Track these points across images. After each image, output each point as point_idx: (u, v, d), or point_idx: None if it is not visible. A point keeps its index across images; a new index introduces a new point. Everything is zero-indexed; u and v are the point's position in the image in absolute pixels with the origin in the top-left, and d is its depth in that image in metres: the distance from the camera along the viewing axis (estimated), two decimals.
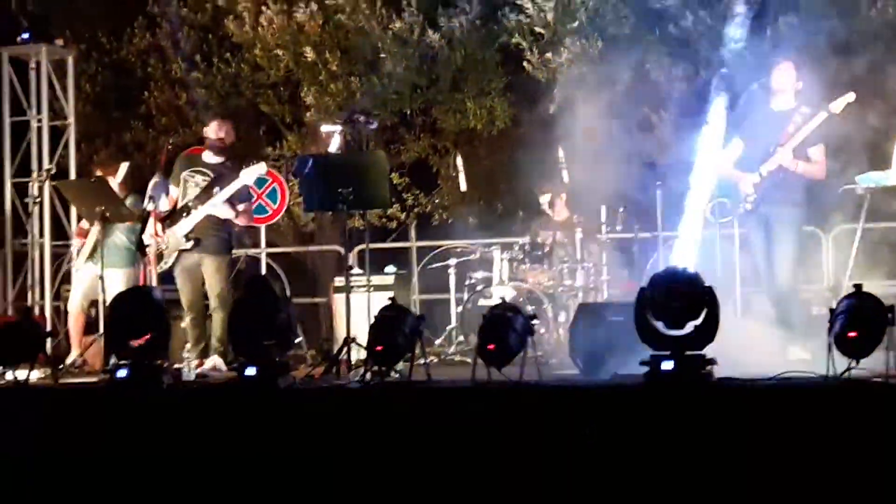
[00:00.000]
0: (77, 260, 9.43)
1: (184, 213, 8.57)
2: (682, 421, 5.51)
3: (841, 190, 9.24)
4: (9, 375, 7.12)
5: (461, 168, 10.49)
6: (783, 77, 8.03)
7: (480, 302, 9.56)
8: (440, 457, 5.77)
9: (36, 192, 10.54)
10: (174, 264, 8.58)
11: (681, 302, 5.81)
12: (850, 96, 7.74)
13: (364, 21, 12.51)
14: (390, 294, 7.65)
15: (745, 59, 10.39)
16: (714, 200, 7.97)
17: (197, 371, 7.84)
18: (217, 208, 8.49)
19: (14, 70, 11.03)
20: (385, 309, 6.69)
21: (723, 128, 8.79)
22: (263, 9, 12.90)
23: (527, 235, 10.22)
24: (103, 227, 8.70)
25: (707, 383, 5.73)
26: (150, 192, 8.41)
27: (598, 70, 12.05)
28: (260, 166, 8.65)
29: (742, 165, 8.12)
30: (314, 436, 6.04)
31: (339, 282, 9.62)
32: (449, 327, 10.14)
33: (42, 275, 10.80)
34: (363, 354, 7.06)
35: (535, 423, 5.71)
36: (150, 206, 8.37)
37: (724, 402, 5.57)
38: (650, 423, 5.55)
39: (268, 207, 11.87)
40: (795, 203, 7.89)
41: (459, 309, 9.90)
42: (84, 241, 9.21)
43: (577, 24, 11.69)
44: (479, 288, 9.86)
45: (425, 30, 12.39)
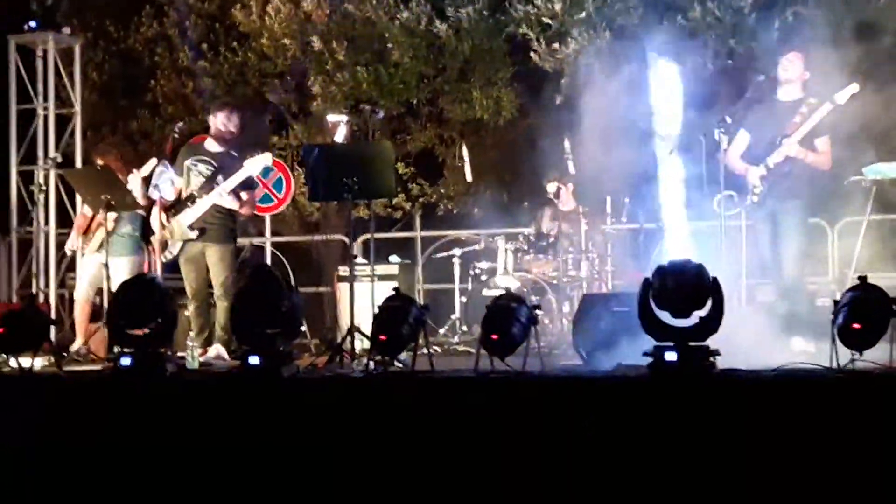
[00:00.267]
0: (79, 251, 9.41)
1: (188, 203, 8.56)
2: (685, 412, 5.50)
3: (847, 181, 9.21)
4: (13, 363, 7.12)
5: (467, 158, 10.48)
6: (790, 67, 8.00)
7: (485, 292, 9.55)
8: (443, 447, 5.77)
9: (42, 179, 10.57)
10: (179, 253, 8.58)
11: (686, 292, 5.79)
12: (854, 87, 7.71)
13: (371, 11, 12.51)
14: (394, 284, 7.66)
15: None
16: (721, 193, 7.94)
17: (200, 360, 7.84)
18: (222, 198, 8.48)
19: (21, 58, 11.04)
20: (389, 299, 6.68)
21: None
22: None
23: (532, 226, 10.22)
24: (105, 216, 8.66)
25: (710, 374, 5.71)
26: (154, 181, 8.40)
27: (606, 61, 12.05)
28: (265, 156, 8.62)
29: (748, 157, 8.10)
30: (317, 425, 6.03)
31: (344, 271, 9.63)
32: (453, 317, 10.14)
33: (47, 263, 10.82)
34: (367, 344, 7.06)
35: (537, 414, 5.70)
36: (154, 195, 8.36)
37: (728, 394, 5.55)
38: (653, 413, 5.55)
39: (273, 197, 11.87)
40: (802, 195, 7.87)
41: (463, 299, 9.90)
42: (83, 236, 9.21)
43: (584, 14, 11.67)
44: (483, 278, 9.86)
45: (433, 20, 12.38)
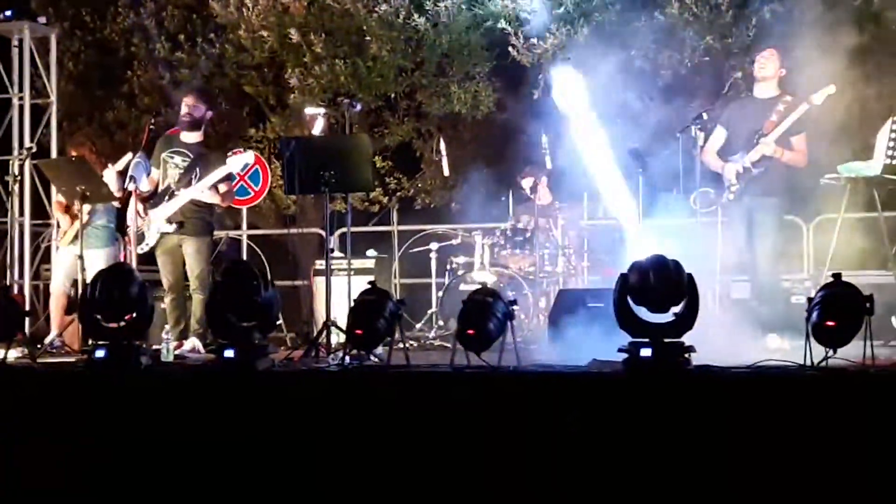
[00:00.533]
0: (58, 239, 9.37)
1: (166, 196, 8.54)
2: (660, 408, 5.52)
3: (823, 179, 9.25)
4: None
5: (444, 152, 10.47)
6: (767, 65, 8.04)
7: (461, 287, 9.56)
8: (419, 441, 5.77)
9: (16, 170, 10.49)
10: (155, 245, 8.56)
11: (664, 288, 5.80)
12: (831, 88, 7.77)
13: (349, 3, 12.46)
14: (371, 278, 7.64)
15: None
16: (697, 189, 7.97)
17: (175, 353, 7.82)
18: (202, 193, 8.46)
19: None
20: (365, 292, 6.67)
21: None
22: None
23: (508, 220, 10.23)
24: (80, 208, 8.60)
25: (685, 371, 5.73)
26: (131, 172, 8.36)
27: (583, 56, 12.06)
28: (248, 154, 8.65)
29: (725, 153, 8.14)
30: (292, 419, 6.03)
31: (320, 265, 9.61)
32: (429, 312, 10.14)
33: (21, 254, 10.74)
34: (343, 338, 7.05)
35: (513, 409, 5.71)
36: (130, 186, 8.33)
37: (703, 390, 5.58)
38: (629, 409, 5.56)
39: (250, 189, 11.85)
40: (778, 192, 7.92)
41: (440, 293, 9.90)
42: (65, 217, 9.17)
43: (562, 9, 11.67)
44: (460, 272, 9.86)
45: (411, 13, 12.34)
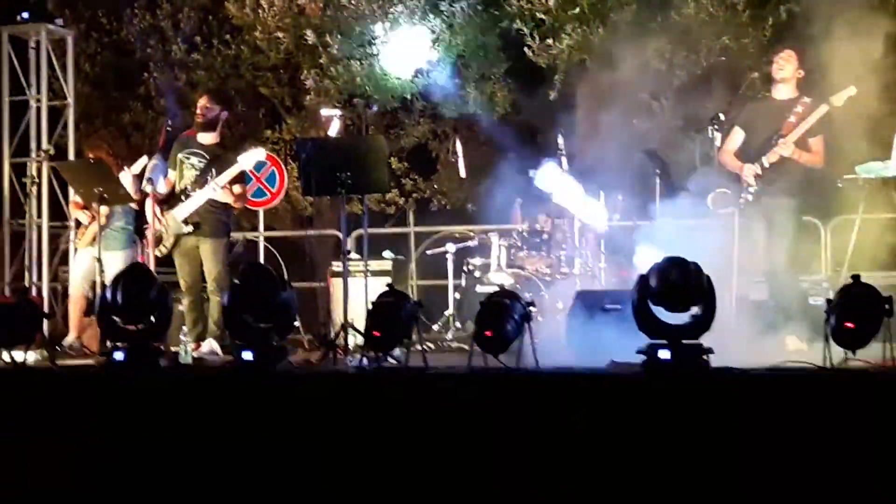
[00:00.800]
0: (77, 240, 9.39)
1: (182, 197, 8.56)
2: (679, 410, 5.51)
3: (841, 180, 9.22)
4: (5, 356, 7.11)
5: (461, 153, 10.46)
6: (786, 66, 8.01)
7: (478, 288, 9.54)
8: (436, 443, 5.77)
9: (34, 172, 10.52)
10: (173, 247, 8.57)
11: (682, 289, 5.79)
12: (852, 90, 7.73)
13: (365, 4, 12.47)
14: (388, 279, 7.64)
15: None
16: (715, 190, 7.95)
17: (194, 354, 7.83)
18: (216, 192, 8.47)
19: (13, 49, 10.98)
20: (383, 294, 6.68)
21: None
22: None
23: (525, 222, 10.20)
24: (98, 209, 8.62)
25: (703, 373, 5.72)
26: (148, 174, 8.39)
27: (599, 57, 12.05)
28: (258, 151, 8.62)
29: (742, 154, 8.11)
30: (310, 421, 6.03)
31: (337, 266, 9.61)
32: (446, 313, 10.13)
33: (39, 256, 10.78)
34: (360, 340, 7.05)
35: (531, 411, 5.70)
36: (147, 188, 8.35)
37: (721, 392, 5.56)
38: (648, 411, 5.55)
39: (266, 191, 11.86)
40: (796, 194, 7.89)
41: (457, 295, 9.89)
42: (84, 213, 9.20)
43: (578, 10, 11.66)
44: (476, 274, 9.84)
45: (427, 14, 12.35)
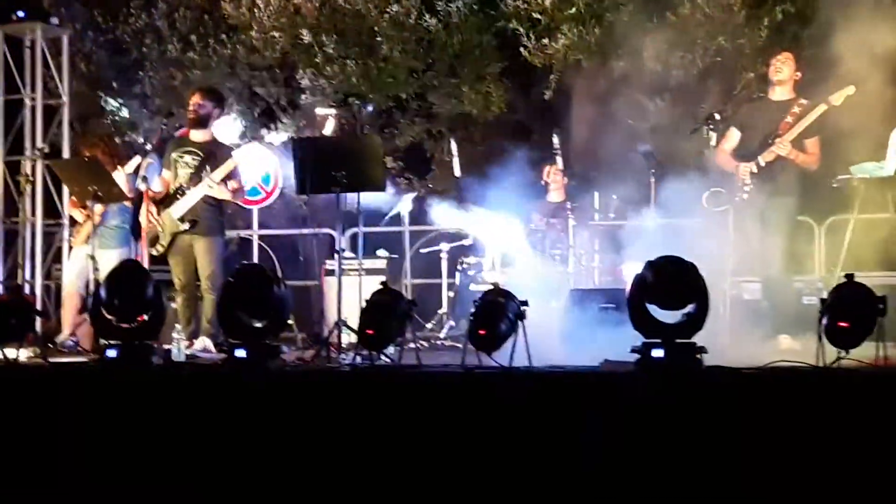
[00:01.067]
0: (73, 238, 9.39)
1: (178, 195, 8.55)
2: (673, 409, 5.51)
3: (835, 180, 9.22)
4: None
5: (455, 153, 10.47)
6: (783, 68, 8.03)
7: (472, 287, 9.56)
8: (430, 441, 5.77)
9: (29, 170, 10.50)
10: (169, 246, 8.57)
11: (678, 287, 5.80)
12: (850, 89, 7.75)
13: (361, 4, 12.46)
14: (382, 278, 7.64)
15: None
16: (710, 189, 7.96)
17: (187, 352, 7.83)
18: (212, 188, 8.47)
19: (8, 48, 10.95)
20: (377, 293, 6.68)
21: None
22: None
23: (520, 220, 10.20)
24: (92, 208, 8.62)
25: (697, 371, 5.72)
26: (143, 173, 8.39)
27: (595, 57, 12.05)
28: (252, 146, 8.62)
29: (738, 154, 8.12)
30: (303, 419, 6.03)
31: (331, 265, 9.62)
32: (440, 312, 10.14)
33: (33, 254, 10.74)
34: (354, 338, 7.05)
35: (525, 409, 5.70)
36: (142, 187, 8.35)
37: (715, 391, 5.56)
38: (641, 410, 5.55)
39: (261, 189, 11.86)
40: (791, 193, 7.90)
41: (451, 293, 9.90)
42: (79, 211, 9.19)
43: (574, 10, 11.66)
44: (470, 273, 9.85)
45: (422, 13, 12.35)
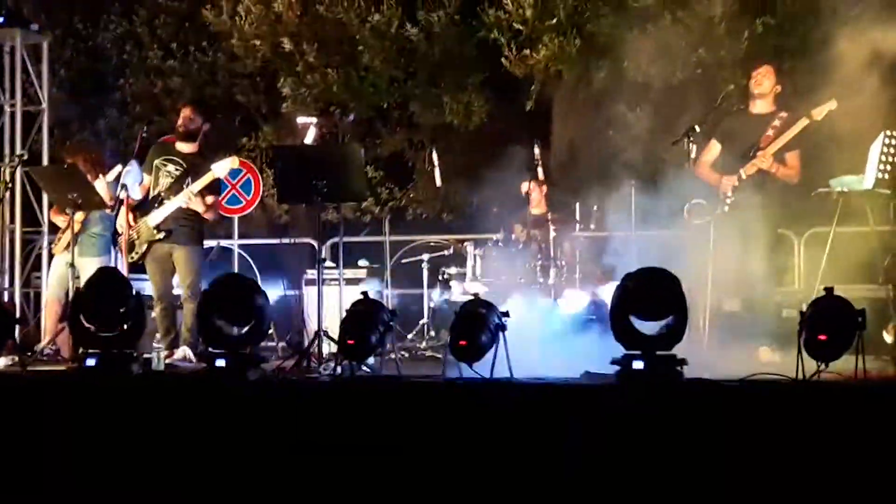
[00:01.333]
0: (55, 245, 9.35)
1: (156, 204, 8.53)
2: (652, 421, 5.52)
3: (815, 193, 9.25)
4: None
5: (436, 163, 10.47)
6: (763, 81, 8.05)
7: (453, 297, 9.55)
8: (410, 451, 5.76)
9: (8, 177, 10.46)
10: (145, 254, 8.54)
11: (659, 297, 5.81)
12: (832, 104, 7.79)
13: (342, 13, 12.47)
14: (363, 288, 7.63)
15: None
16: (691, 201, 7.98)
17: (167, 361, 7.80)
18: (190, 201, 8.44)
19: None
20: (357, 303, 6.67)
21: None
22: None
23: (500, 231, 10.21)
24: (72, 216, 8.58)
25: (677, 383, 5.74)
26: (122, 180, 8.36)
27: (576, 68, 12.07)
28: (231, 160, 8.59)
29: (719, 167, 8.14)
30: (283, 428, 6.02)
31: (312, 274, 9.61)
32: (421, 322, 10.13)
33: (12, 261, 10.72)
34: (334, 348, 7.03)
35: (505, 421, 5.70)
36: (122, 194, 8.31)
37: (695, 403, 5.58)
38: (621, 422, 5.56)
39: (241, 198, 11.83)
40: (771, 206, 7.92)
41: (432, 304, 9.89)
42: (61, 218, 9.15)
43: (555, 21, 11.69)
44: (452, 283, 9.85)
45: (404, 23, 12.37)
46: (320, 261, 8.18)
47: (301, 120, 9.41)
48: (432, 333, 9.67)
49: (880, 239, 8.68)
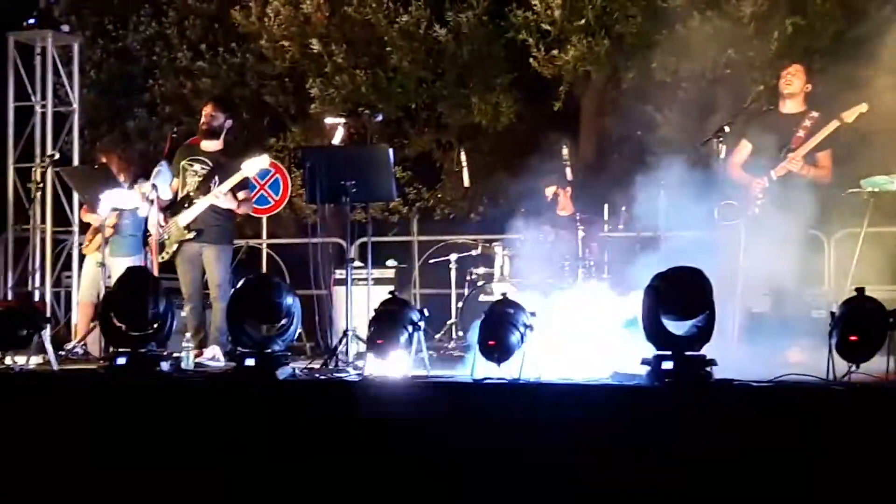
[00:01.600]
0: (86, 245, 9.39)
1: (185, 204, 8.56)
2: (682, 421, 5.50)
3: (845, 193, 9.21)
4: (8, 361, 7.11)
5: (465, 163, 10.47)
6: (793, 81, 8.01)
7: (481, 297, 9.54)
8: (438, 451, 5.76)
9: (39, 177, 10.51)
10: (175, 253, 8.57)
11: (690, 296, 5.78)
12: (863, 107, 7.74)
13: (371, 14, 12.51)
14: (391, 287, 7.64)
15: None
16: (721, 202, 7.94)
17: (196, 361, 7.82)
18: (219, 199, 8.47)
19: (19, 55, 10.98)
20: (386, 302, 6.68)
21: None
22: None
23: (529, 231, 10.19)
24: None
25: (707, 384, 5.70)
26: (153, 180, 8.40)
27: (604, 68, 12.07)
28: (262, 158, 8.61)
29: (749, 167, 8.10)
30: (312, 428, 6.03)
31: (340, 274, 9.62)
32: (449, 322, 10.13)
33: (43, 261, 10.76)
34: (363, 347, 7.04)
35: (534, 420, 5.70)
36: (152, 195, 8.35)
37: (724, 404, 5.55)
38: (651, 422, 5.54)
39: (270, 198, 11.87)
40: (802, 208, 7.87)
41: (460, 304, 9.89)
42: (94, 217, 9.20)
43: (583, 21, 11.68)
44: (479, 283, 9.84)
45: (432, 24, 12.39)
46: (349, 261, 8.20)
47: (329, 120, 9.42)
48: (460, 333, 9.66)
49: None
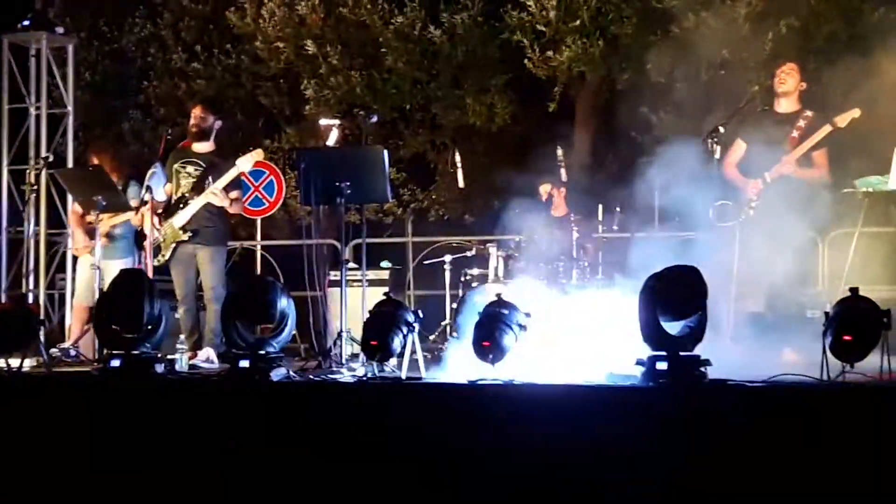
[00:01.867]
0: (73, 249, 9.39)
1: (180, 205, 8.55)
2: (676, 422, 5.50)
3: (839, 193, 9.20)
4: (1, 363, 7.09)
5: (459, 164, 10.45)
6: (787, 79, 8.01)
7: (475, 298, 9.51)
8: (432, 453, 5.76)
9: (33, 179, 10.49)
10: (171, 256, 8.56)
11: (686, 295, 5.78)
12: (856, 112, 7.75)
13: (366, 15, 12.51)
14: (385, 289, 7.63)
15: None
16: (717, 202, 7.94)
17: (190, 362, 7.81)
18: (216, 196, 8.46)
19: (13, 57, 10.96)
20: (380, 304, 6.67)
21: None
22: (265, 0, 12.89)
23: (523, 232, 10.18)
24: (97, 217, 8.62)
25: (701, 385, 5.70)
26: (147, 182, 8.39)
27: (599, 69, 12.06)
28: (256, 152, 8.62)
29: (744, 167, 8.10)
30: (306, 429, 6.02)
31: (335, 276, 9.61)
32: (443, 323, 10.11)
33: (37, 263, 10.75)
34: (357, 349, 7.03)
35: (528, 421, 5.69)
36: (146, 197, 8.34)
37: (718, 404, 5.55)
38: (645, 423, 5.54)
39: (264, 200, 11.87)
40: (797, 209, 7.86)
41: (454, 305, 9.87)
42: (79, 229, 9.19)
43: (578, 22, 11.68)
44: (474, 284, 9.83)
45: (427, 25, 12.39)
46: (343, 262, 8.19)
47: (324, 122, 9.42)
48: (455, 334, 9.63)
49: None
